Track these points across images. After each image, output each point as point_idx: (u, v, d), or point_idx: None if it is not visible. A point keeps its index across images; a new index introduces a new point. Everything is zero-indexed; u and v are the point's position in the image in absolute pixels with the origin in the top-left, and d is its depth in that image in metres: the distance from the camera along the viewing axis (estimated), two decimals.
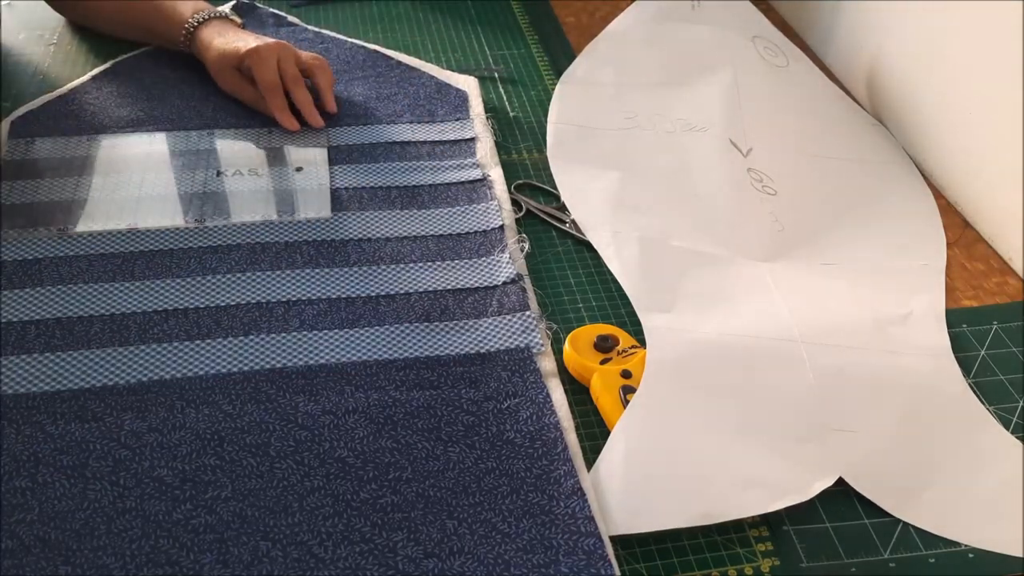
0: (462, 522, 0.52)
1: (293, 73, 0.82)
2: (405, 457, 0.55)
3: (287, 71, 0.82)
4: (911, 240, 0.75)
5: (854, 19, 0.94)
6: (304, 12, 1.02)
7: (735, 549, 0.52)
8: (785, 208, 0.76)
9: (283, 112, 0.82)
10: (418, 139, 0.82)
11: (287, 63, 0.82)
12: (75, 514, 0.51)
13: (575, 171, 0.78)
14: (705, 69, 0.87)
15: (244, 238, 0.70)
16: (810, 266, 0.71)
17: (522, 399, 0.59)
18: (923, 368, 0.63)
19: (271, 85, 0.81)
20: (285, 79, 0.82)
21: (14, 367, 0.59)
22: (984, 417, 0.60)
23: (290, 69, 0.82)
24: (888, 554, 0.52)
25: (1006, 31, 0.71)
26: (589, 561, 0.49)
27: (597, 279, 0.70)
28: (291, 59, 0.82)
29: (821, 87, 0.92)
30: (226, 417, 0.57)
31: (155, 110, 0.83)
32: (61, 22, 0.97)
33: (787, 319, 0.65)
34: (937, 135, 0.82)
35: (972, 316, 0.69)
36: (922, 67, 0.83)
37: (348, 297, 0.66)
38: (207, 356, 0.61)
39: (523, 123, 0.87)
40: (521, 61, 0.96)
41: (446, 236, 0.72)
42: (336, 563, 0.49)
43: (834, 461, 0.56)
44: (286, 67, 0.82)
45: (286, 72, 0.82)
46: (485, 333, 0.63)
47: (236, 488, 0.53)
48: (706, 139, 0.81)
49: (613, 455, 0.55)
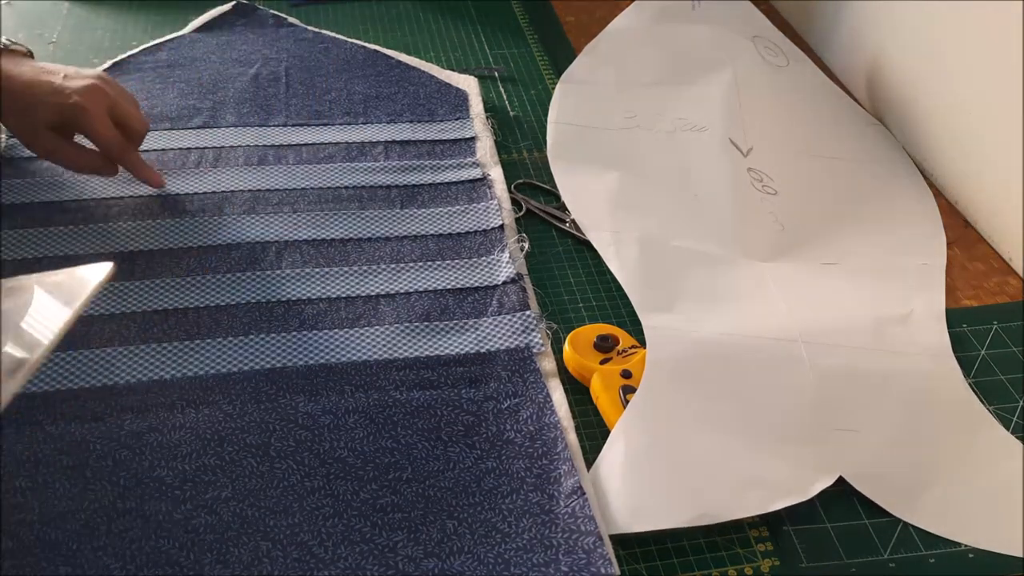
0: (462, 522, 0.52)
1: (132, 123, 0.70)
2: (405, 457, 0.55)
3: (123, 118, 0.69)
4: (911, 240, 0.75)
5: (854, 19, 0.94)
6: (304, 12, 1.02)
7: (735, 549, 0.52)
8: (785, 208, 0.76)
9: (144, 166, 0.71)
10: (418, 138, 0.82)
11: (119, 108, 0.68)
12: (75, 514, 0.51)
13: (575, 171, 0.78)
14: (705, 69, 0.87)
15: (244, 237, 0.70)
16: (810, 266, 0.71)
17: (522, 399, 0.59)
18: (923, 368, 0.63)
19: (115, 141, 0.68)
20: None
21: None
22: (984, 417, 0.60)
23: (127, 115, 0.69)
24: (888, 554, 0.52)
25: (1006, 31, 0.71)
26: (589, 560, 0.49)
27: (597, 279, 0.70)
28: (119, 102, 0.69)
29: (821, 87, 0.92)
30: (226, 417, 0.57)
31: (155, 109, 0.83)
32: (61, 21, 0.97)
33: (787, 319, 0.65)
34: (937, 135, 0.82)
35: (972, 316, 0.69)
36: (922, 67, 0.83)
37: (348, 297, 0.66)
38: (207, 356, 0.61)
39: (523, 123, 0.87)
40: (521, 61, 0.96)
41: (446, 236, 0.72)
42: (336, 563, 0.49)
43: (834, 461, 0.56)
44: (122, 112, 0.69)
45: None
46: (485, 333, 0.63)
47: (236, 488, 0.53)
48: (706, 139, 0.81)
49: (613, 455, 0.55)
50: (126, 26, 0.98)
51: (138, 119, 0.70)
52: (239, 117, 0.83)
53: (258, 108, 0.84)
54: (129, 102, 0.70)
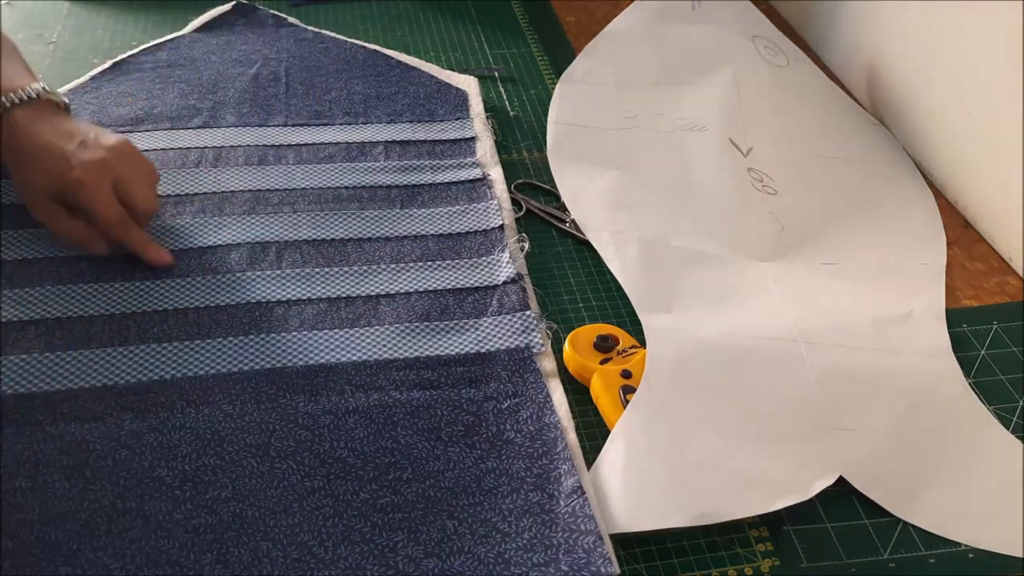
0: (462, 522, 0.52)
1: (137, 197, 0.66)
2: (405, 457, 0.55)
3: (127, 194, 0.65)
4: (911, 240, 0.75)
5: (854, 19, 0.94)
6: (304, 12, 1.02)
7: (735, 549, 0.52)
8: (785, 208, 0.76)
9: (148, 245, 0.66)
10: (418, 138, 0.82)
11: (124, 185, 0.65)
12: (75, 514, 0.51)
13: (575, 171, 0.78)
14: (705, 69, 0.87)
15: (244, 237, 0.70)
16: (810, 266, 0.71)
17: (522, 399, 0.59)
18: (923, 368, 0.63)
19: (116, 218, 0.65)
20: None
21: (14, 367, 0.59)
22: (984, 417, 0.60)
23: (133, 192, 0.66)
24: (888, 554, 0.52)
25: (1006, 31, 0.71)
26: (589, 559, 0.49)
27: (597, 279, 0.70)
28: (127, 178, 0.66)
29: (821, 87, 0.92)
30: (226, 417, 0.57)
31: (155, 109, 0.83)
32: (61, 21, 0.97)
33: (787, 319, 0.65)
34: (937, 135, 0.82)
35: (972, 316, 0.69)
36: (922, 67, 0.83)
37: (348, 297, 0.66)
38: (207, 356, 0.61)
39: (523, 123, 0.87)
40: (521, 61, 0.96)
41: (446, 236, 0.72)
42: (336, 563, 0.49)
43: (834, 460, 0.56)
44: (127, 189, 0.65)
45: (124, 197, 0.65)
46: (485, 333, 0.63)
47: (236, 488, 0.53)
48: (706, 139, 0.81)
49: (613, 454, 0.55)
50: (126, 26, 0.98)
51: (145, 199, 0.67)
52: (239, 117, 0.83)
53: (258, 108, 0.84)
54: (140, 179, 0.67)
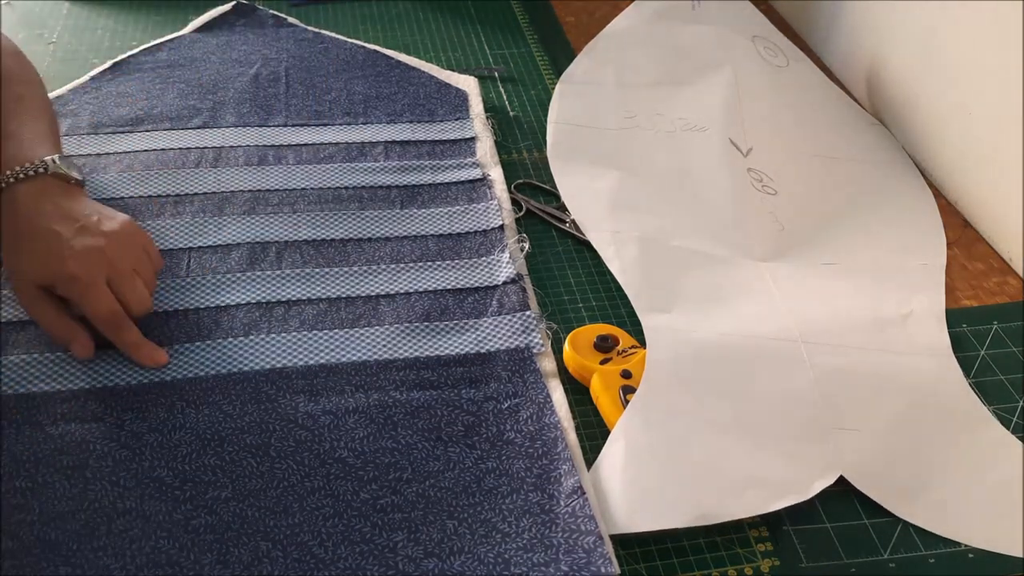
0: (462, 522, 0.52)
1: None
2: (405, 457, 0.55)
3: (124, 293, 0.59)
4: (911, 240, 0.75)
5: (854, 19, 0.94)
6: (304, 12, 1.02)
7: (735, 549, 0.52)
8: (785, 208, 0.76)
9: (141, 346, 0.59)
10: (418, 139, 0.82)
11: (120, 279, 0.59)
12: (75, 514, 0.51)
13: (575, 171, 0.78)
14: (705, 69, 0.87)
15: (244, 237, 0.70)
16: (810, 266, 0.71)
17: (522, 399, 0.59)
18: (923, 368, 0.63)
19: (107, 317, 0.58)
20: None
21: (14, 367, 0.59)
22: (984, 417, 0.60)
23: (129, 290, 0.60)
24: (888, 554, 0.52)
25: (1006, 31, 0.71)
26: (589, 560, 0.49)
27: (597, 279, 0.70)
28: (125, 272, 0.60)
29: (821, 87, 0.92)
30: (226, 417, 0.57)
31: (155, 109, 0.83)
32: (61, 21, 0.97)
33: (787, 319, 0.65)
34: (937, 135, 0.82)
35: (972, 316, 0.69)
36: (922, 67, 0.83)
37: (348, 297, 0.66)
38: (207, 356, 0.61)
39: (523, 123, 0.87)
40: (521, 61, 0.96)
41: (446, 236, 0.72)
42: (336, 563, 0.49)
43: (834, 460, 0.56)
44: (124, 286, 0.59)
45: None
46: (485, 333, 0.63)
47: (236, 488, 0.53)
48: (706, 139, 0.81)
49: (613, 455, 0.55)
50: (126, 26, 0.98)
51: (139, 299, 0.60)
52: (239, 117, 0.83)
53: (258, 108, 0.84)
54: (139, 270, 0.61)
